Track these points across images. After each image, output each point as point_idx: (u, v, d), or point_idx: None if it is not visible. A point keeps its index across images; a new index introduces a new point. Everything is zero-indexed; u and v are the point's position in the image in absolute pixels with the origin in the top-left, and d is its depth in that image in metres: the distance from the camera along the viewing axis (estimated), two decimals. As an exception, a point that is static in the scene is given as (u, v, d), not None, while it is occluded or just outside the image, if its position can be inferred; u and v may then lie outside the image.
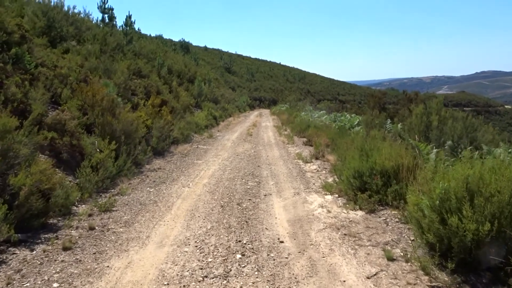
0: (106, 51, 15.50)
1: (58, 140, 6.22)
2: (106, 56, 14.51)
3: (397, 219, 4.65)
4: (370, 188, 5.29)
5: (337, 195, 5.76)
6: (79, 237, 3.96)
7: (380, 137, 6.97)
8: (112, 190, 5.95)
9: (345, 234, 4.19)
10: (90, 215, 4.67)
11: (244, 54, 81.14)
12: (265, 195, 5.75)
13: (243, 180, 6.60)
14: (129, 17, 24.63)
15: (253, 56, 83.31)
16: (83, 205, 5.20)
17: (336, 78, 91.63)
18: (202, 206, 5.10)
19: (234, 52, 76.18)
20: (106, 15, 22.11)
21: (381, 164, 5.32)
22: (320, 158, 8.99)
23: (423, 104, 6.68)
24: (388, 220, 4.67)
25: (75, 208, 5.08)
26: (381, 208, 5.06)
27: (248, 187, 6.17)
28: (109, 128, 7.41)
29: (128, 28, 20.96)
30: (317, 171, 7.75)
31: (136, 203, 5.23)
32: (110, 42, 16.46)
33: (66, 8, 16.05)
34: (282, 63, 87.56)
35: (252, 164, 8.25)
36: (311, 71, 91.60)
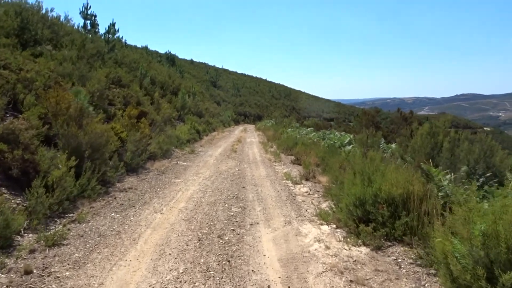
0: (84, 57, 14.55)
1: (7, 154, 5.24)
2: (83, 63, 13.56)
3: (410, 260, 3.83)
4: (374, 219, 4.48)
5: (334, 226, 4.93)
6: None
7: (379, 158, 6.22)
8: (71, 215, 4.98)
9: (351, 281, 3.35)
10: (32, 251, 3.70)
11: (230, 69, 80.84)
12: (251, 225, 4.87)
13: (226, 205, 5.70)
14: (112, 24, 23.71)
15: (239, 71, 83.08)
16: (30, 235, 4.23)
17: (321, 96, 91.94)
18: (175, 239, 4.18)
19: (220, 67, 75.75)
20: (88, 21, 21.16)
21: (387, 191, 4.54)
22: (311, 179, 8.19)
23: (429, 122, 5.98)
24: (400, 260, 3.84)
25: (19, 238, 4.10)
26: (389, 244, 4.25)
27: (232, 213, 5.28)
28: (74, 141, 6.46)
29: (110, 36, 20.02)
30: (309, 194, 6.93)
31: (95, 234, 4.27)
32: (89, 49, 15.51)
33: (44, 10, 15.07)
34: (268, 79, 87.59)
35: (236, 184, 7.37)
36: (296, 88, 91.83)
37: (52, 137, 6.95)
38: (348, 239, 4.38)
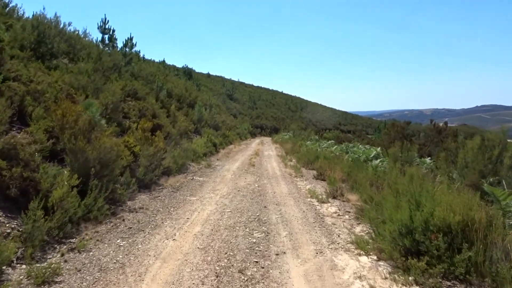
0: (100, 70, 14.22)
1: (5, 171, 4.68)
2: (99, 76, 13.20)
3: (481, 309, 3.04)
4: (427, 252, 3.70)
5: (376, 258, 4.15)
6: None
7: (419, 175, 5.43)
8: (72, 240, 4.35)
9: None
10: (17, 291, 3.06)
11: (246, 82, 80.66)
12: (277, 254, 4.14)
13: (247, 229, 4.98)
14: (130, 39, 23.58)
15: (255, 84, 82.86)
16: (23, 266, 3.62)
17: (337, 108, 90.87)
18: (188, 275, 3.48)
19: (236, 80, 75.71)
20: (106, 36, 21.02)
21: (441, 218, 3.76)
22: (339, 197, 7.41)
23: (480, 136, 5.19)
24: (467, 308, 3.06)
25: (9, 270, 3.49)
26: (449, 284, 3.45)
27: (254, 240, 4.56)
28: (82, 156, 5.89)
29: (128, 49, 19.77)
30: (338, 215, 6.16)
31: (95, 267, 3.61)
32: (106, 62, 15.21)
33: (62, 25, 14.89)
34: (284, 92, 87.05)
35: (257, 203, 6.65)
36: (313, 100, 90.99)
37: (60, 152, 6.43)
38: (396, 276, 3.60)
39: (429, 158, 8.18)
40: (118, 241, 4.36)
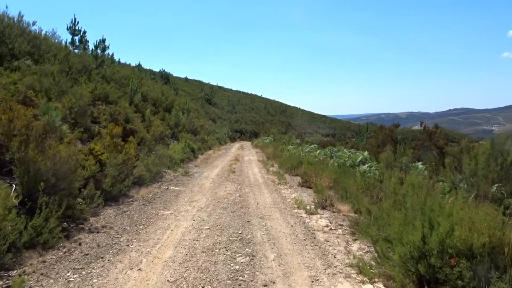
0: (67, 72, 13.19)
1: None
2: (66, 78, 12.20)
3: None
4: (447, 281, 3.04)
5: (383, 286, 3.47)
6: None
7: (420, 185, 4.81)
8: (11, 274, 3.48)
9: None
10: None
11: (225, 86, 79.76)
12: (265, 286, 3.39)
13: (228, 252, 4.20)
14: (102, 40, 22.44)
15: (234, 88, 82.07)
16: None
17: (316, 112, 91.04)
18: (153, 323, 2.69)
19: (215, 84, 74.70)
20: (76, 37, 19.89)
21: (462, 239, 3.11)
22: (328, 207, 6.73)
23: (490, 139, 4.60)
24: None
25: None
26: (478, 323, 2.79)
27: (237, 267, 3.78)
28: (34, 167, 5.01)
29: (100, 51, 18.65)
30: (331, 229, 5.47)
31: (29, 316, 2.77)
32: (74, 63, 14.18)
33: (25, 24, 13.79)
34: (263, 96, 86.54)
35: (239, 217, 5.88)
36: (292, 104, 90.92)
37: (8, 163, 5.53)
38: (413, 313, 2.92)
39: (420, 163, 7.62)
40: (69, 274, 3.51)
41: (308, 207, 6.64)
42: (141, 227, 5.22)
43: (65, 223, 5.17)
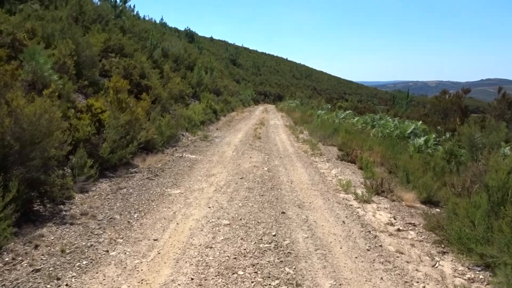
0: (79, 20, 11.57)
1: None
2: (76, 26, 10.61)
3: None
4: None
5: None
6: None
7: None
8: None
9: None
10: None
11: (250, 47, 76.63)
12: None
13: (259, 277, 2.60)
14: (123, -10, 20.55)
15: (259, 50, 78.86)
16: None
17: (342, 77, 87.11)
18: None
19: (240, 45, 71.69)
20: (93, -15, 18.08)
21: None
22: (386, 193, 5.04)
23: None
24: None
25: None
26: None
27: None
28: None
29: (119, 1, 16.80)
30: (398, 230, 3.80)
31: None
32: (88, 11, 12.51)
33: (34, -36, 12.04)
34: (289, 59, 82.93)
35: (270, 205, 4.27)
36: (317, 69, 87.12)
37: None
38: None
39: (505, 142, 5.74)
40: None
41: (358, 192, 4.96)
42: (135, 215, 3.69)
43: (36, 205, 3.71)
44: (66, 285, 2.33)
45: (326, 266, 2.83)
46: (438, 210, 4.61)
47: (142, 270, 2.58)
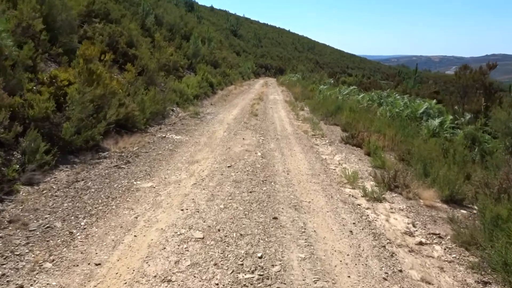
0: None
1: None
2: None
3: None
4: None
5: None
6: None
7: None
8: None
9: None
10: None
11: (252, 18, 73.96)
12: None
13: None
14: (114, -48, 19.01)
15: (261, 21, 76.23)
16: None
17: (345, 51, 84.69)
18: None
19: (242, 15, 69.12)
20: None
21: None
22: (401, 188, 4.18)
23: None
24: None
25: None
26: None
27: None
28: None
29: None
30: (420, 244, 2.97)
31: None
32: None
33: None
34: (291, 31, 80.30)
35: (260, 207, 3.40)
36: (320, 42, 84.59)
37: None
38: None
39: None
40: None
41: (367, 186, 4.11)
42: (84, 222, 2.84)
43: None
44: None
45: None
46: (464, 211, 3.77)
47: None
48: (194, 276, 2.18)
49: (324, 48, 74.26)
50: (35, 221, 2.74)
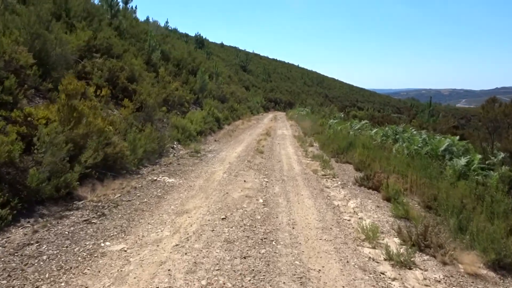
0: (64, 17, 10.23)
1: None
2: (58, 23, 9.33)
3: None
4: None
5: None
6: None
7: None
8: None
9: None
10: None
11: (261, 54, 75.10)
12: None
13: None
14: (125, -8, 19.37)
15: (270, 57, 77.28)
16: None
17: (355, 85, 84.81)
18: None
19: (251, 51, 70.23)
20: (92, -16, 16.82)
21: None
22: (434, 249, 3.35)
23: None
24: None
25: None
26: None
27: None
28: None
29: (121, 2, 15.34)
30: None
31: None
32: (74, 6, 11.12)
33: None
34: (300, 66, 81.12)
35: (254, 280, 2.60)
36: (329, 76, 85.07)
37: None
38: None
39: None
40: None
41: (390, 244, 3.30)
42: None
43: None
44: None
45: None
46: (519, 283, 2.91)
47: None
48: None
49: (333, 82, 74.48)
50: None
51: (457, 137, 6.78)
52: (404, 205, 4.44)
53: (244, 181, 5.66)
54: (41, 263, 2.65)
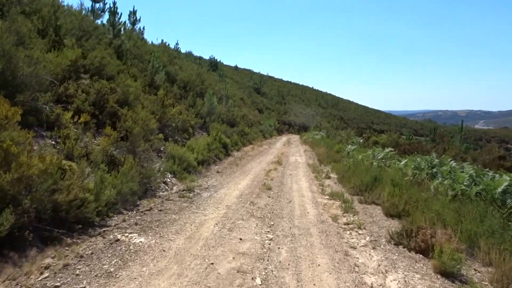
0: (51, 34, 9.15)
1: None
2: (43, 40, 8.29)
3: None
4: None
5: None
6: None
7: None
8: None
9: None
10: None
11: (275, 76, 74.34)
12: None
13: None
14: (133, 12, 18.64)
15: (284, 79, 76.47)
16: None
17: (370, 106, 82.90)
18: None
19: (265, 74, 69.56)
20: (97, 4, 16.06)
21: None
22: None
23: None
24: None
25: None
26: None
27: None
28: None
29: (119, 20, 14.36)
30: None
31: None
32: (65, 24, 10.08)
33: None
34: (314, 88, 79.96)
35: None
36: (344, 98, 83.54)
37: None
38: None
39: None
40: None
41: None
42: None
43: None
44: None
45: None
46: None
47: None
48: None
49: (348, 104, 72.83)
50: None
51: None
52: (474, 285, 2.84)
53: (240, 239, 4.14)
54: None
